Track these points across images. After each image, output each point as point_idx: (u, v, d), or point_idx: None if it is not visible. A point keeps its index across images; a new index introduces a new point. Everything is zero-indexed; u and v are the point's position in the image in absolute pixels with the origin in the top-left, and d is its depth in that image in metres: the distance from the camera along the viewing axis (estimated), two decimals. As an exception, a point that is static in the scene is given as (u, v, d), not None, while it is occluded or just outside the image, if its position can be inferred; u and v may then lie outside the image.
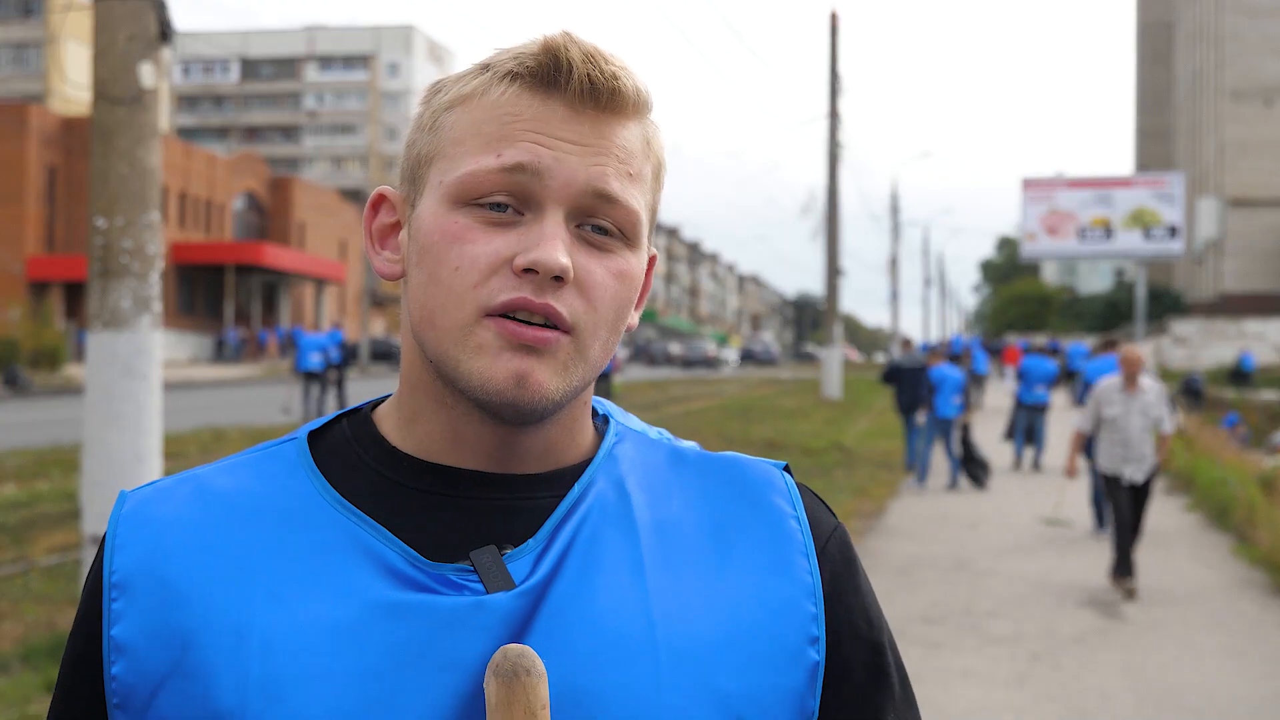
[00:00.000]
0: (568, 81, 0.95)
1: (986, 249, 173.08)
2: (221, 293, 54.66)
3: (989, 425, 22.66)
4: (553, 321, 0.94)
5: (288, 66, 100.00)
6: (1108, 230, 45.98)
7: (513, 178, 0.94)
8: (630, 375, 50.52)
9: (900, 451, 17.17)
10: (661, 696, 0.92)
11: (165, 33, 6.19)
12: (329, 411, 3.40)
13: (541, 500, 0.98)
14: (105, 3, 6.11)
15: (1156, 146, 78.76)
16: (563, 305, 0.94)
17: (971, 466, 14.68)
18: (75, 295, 44.42)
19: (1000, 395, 32.46)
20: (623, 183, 0.96)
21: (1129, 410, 9.05)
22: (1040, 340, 40.09)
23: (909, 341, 18.08)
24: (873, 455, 17.58)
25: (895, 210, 58.75)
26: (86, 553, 6.33)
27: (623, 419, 1.08)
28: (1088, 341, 39.64)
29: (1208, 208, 57.72)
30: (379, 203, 1.04)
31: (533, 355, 0.94)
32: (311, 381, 20.50)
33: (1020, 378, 16.97)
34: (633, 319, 1.01)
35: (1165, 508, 12.80)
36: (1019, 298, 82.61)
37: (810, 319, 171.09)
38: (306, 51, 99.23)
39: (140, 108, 6.12)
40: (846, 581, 1.03)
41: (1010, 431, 16.93)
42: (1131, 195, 46.16)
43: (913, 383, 15.18)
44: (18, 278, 44.15)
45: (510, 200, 0.95)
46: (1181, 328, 48.10)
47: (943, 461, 15.97)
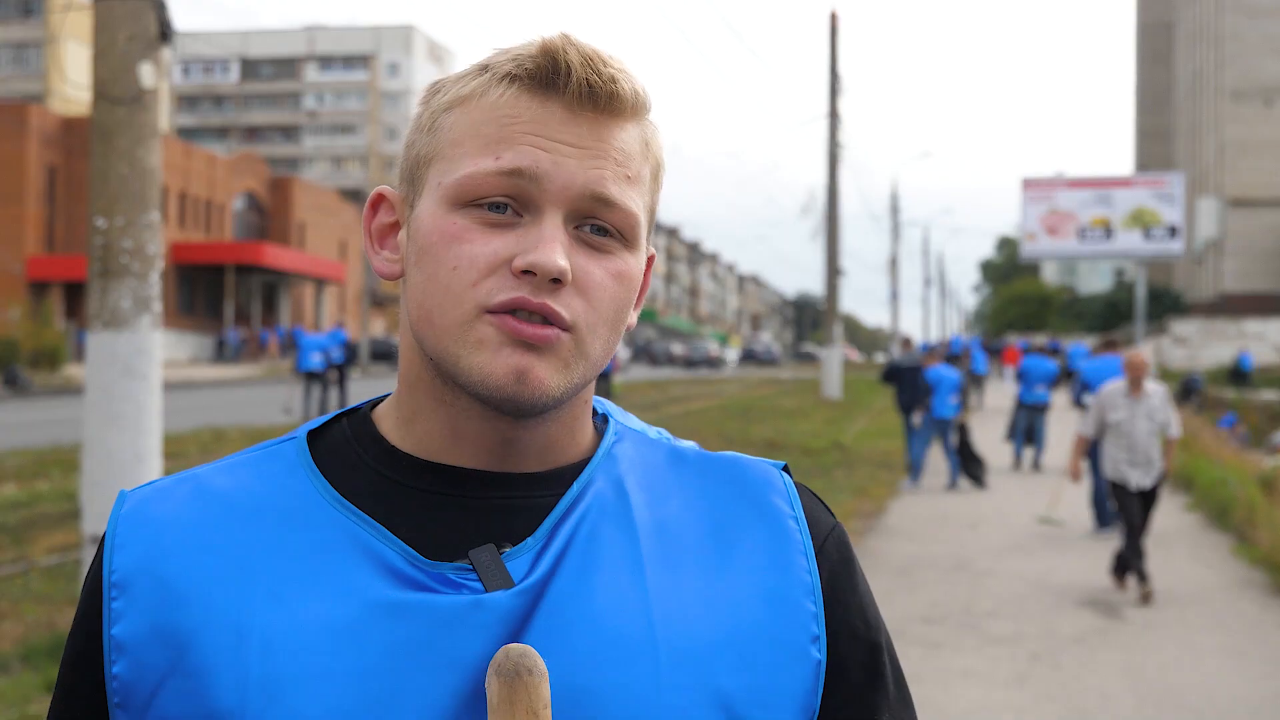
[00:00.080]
0: (566, 84, 0.95)
1: (986, 249, 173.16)
2: (221, 293, 54.66)
3: (989, 425, 22.66)
4: (551, 320, 0.94)
5: (288, 66, 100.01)
6: (1108, 230, 45.97)
7: (511, 181, 0.95)
8: (633, 375, 50.57)
9: (900, 451, 17.17)
10: (661, 695, 0.92)
11: (165, 33, 6.19)
12: (330, 411, 3.38)
13: (541, 499, 0.99)
14: (105, 3, 6.11)
15: (1156, 146, 78.77)
16: (561, 306, 0.94)
17: (970, 465, 14.67)
18: (75, 295, 44.42)
19: (1000, 395, 32.45)
20: (621, 186, 0.97)
21: (1134, 415, 8.91)
22: (1040, 340, 40.11)
23: (909, 341, 18.09)
24: (873, 455, 17.57)
25: (895, 210, 58.74)
26: (86, 553, 6.32)
27: (622, 418, 1.09)
28: (1088, 342, 39.65)
29: (1208, 208, 57.73)
30: (378, 202, 1.04)
31: (533, 352, 0.94)
32: (313, 381, 20.54)
33: (1020, 378, 16.96)
34: (631, 319, 1.01)
35: (1165, 508, 12.79)
36: (1019, 298, 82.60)
37: (810, 319, 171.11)
38: (306, 51, 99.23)
39: (140, 108, 6.12)
40: (845, 581, 1.03)
41: (1011, 432, 16.92)
42: (1131, 195, 46.14)
43: (913, 382, 15.18)
44: (18, 278, 44.15)
45: (509, 202, 0.95)
46: (1181, 328, 48.11)
47: (942, 462, 15.96)
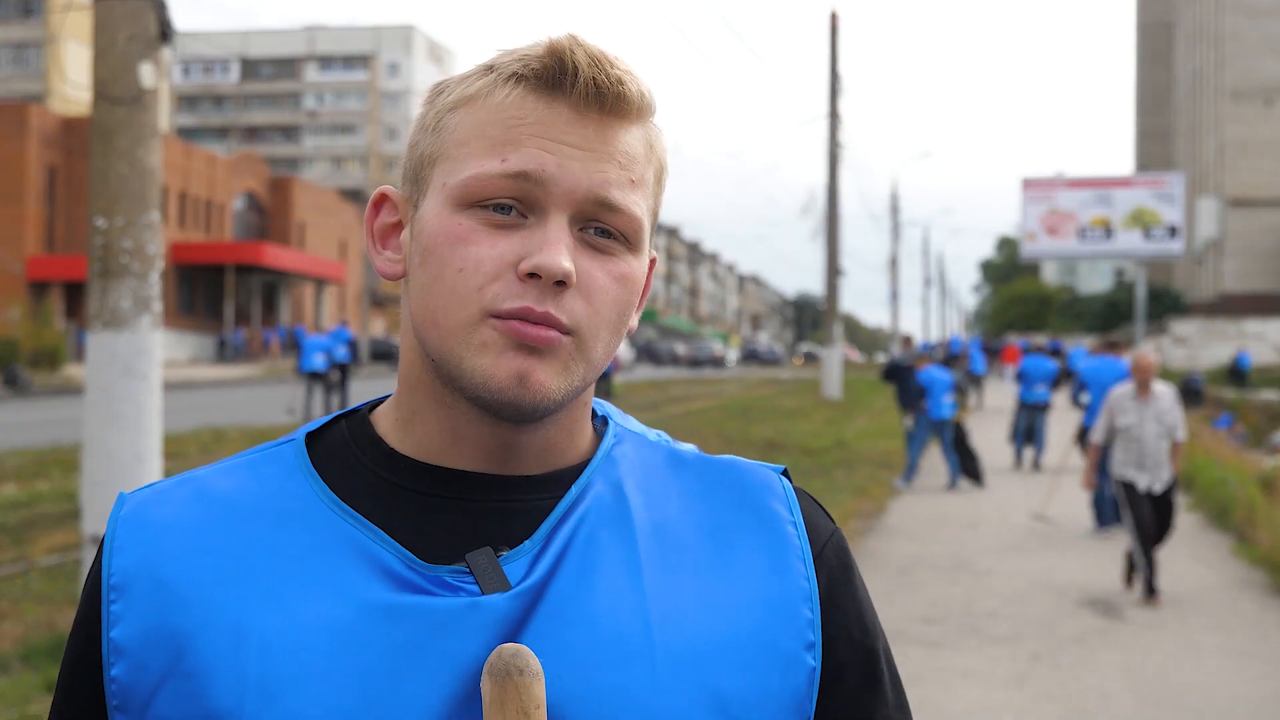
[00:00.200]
0: (573, 85, 0.95)
1: (986, 249, 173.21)
2: (221, 293, 54.66)
3: (988, 425, 22.65)
4: (553, 325, 0.94)
5: (288, 66, 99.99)
6: (1108, 230, 45.98)
7: (517, 183, 0.94)
8: (637, 375, 50.61)
9: (900, 451, 17.17)
10: (658, 698, 0.92)
11: (165, 33, 6.18)
12: (334, 411, 3.37)
13: (539, 502, 0.99)
14: (105, 3, 6.11)
15: (1156, 146, 78.77)
16: (563, 311, 0.94)
17: (966, 463, 14.69)
18: (75, 295, 44.42)
19: (1000, 395, 32.44)
20: (624, 190, 0.97)
21: (1143, 418, 8.84)
22: (1040, 340, 40.12)
23: (910, 339, 18.13)
24: (873, 455, 17.56)
25: (895, 210, 58.74)
26: (86, 553, 6.32)
27: (622, 421, 1.09)
28: (1088, 343, 39.67)
29: (1208, 208, 57.73)
30: (381, 202, 1.04)
31: (534, 355, 0.94)
32: (315, 382, 20.61)
33: (1020, 378, 16.99)
34: (632, 321, 1.02)
35: (1165, 508, 12.79)
36: (1019, 298, 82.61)
37: (810, 319, 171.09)
38: (306, 51, 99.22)
39: (140, 108, 6.12)
40: (843, 587, 1.03)
41: (1014, 432, 16.95)
42: (1131, 195, 46.16)
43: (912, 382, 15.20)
44: (18, 278, 44.15)
45: (514, 204, 0.95)
46: (1181, 328, 48.12)
47: (941, 462, 15.96)
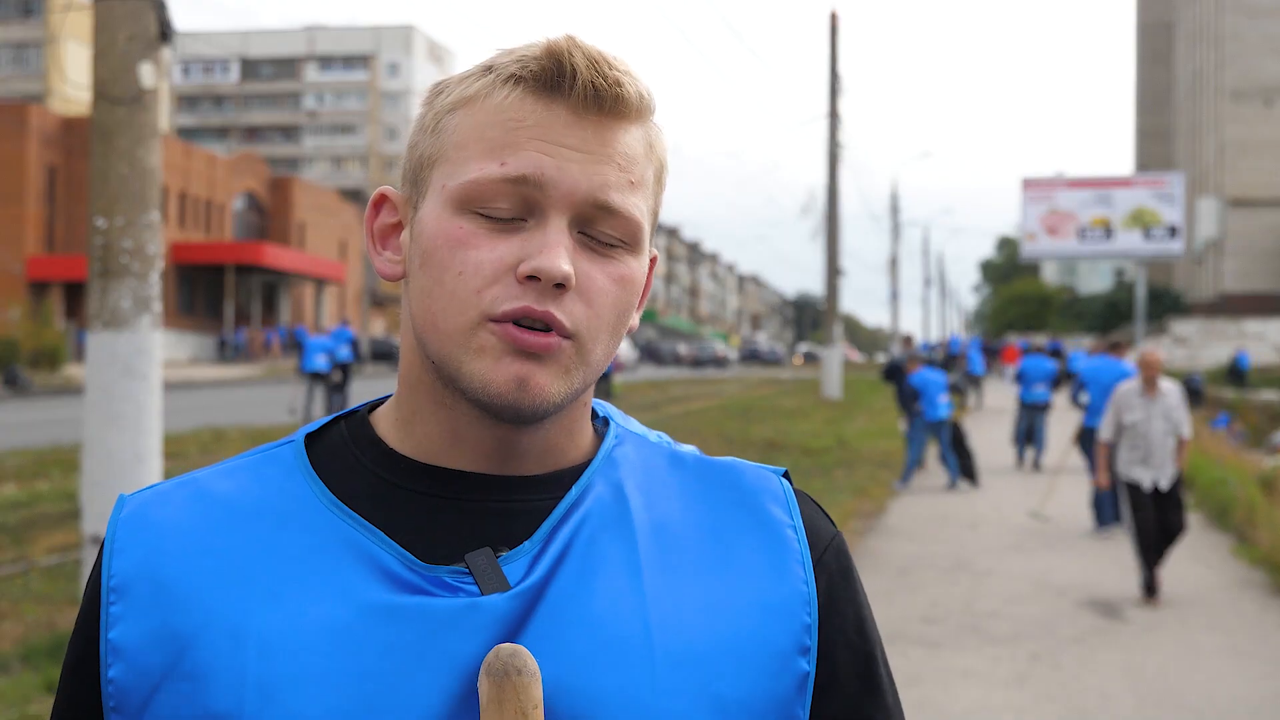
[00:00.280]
0: (571, 86, 0.95)
1: (986, 249, 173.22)
2: (221, 293, 54.66)
3: (988, 425, 22.66)
4: (553, 327, 0.94)
5: (288, 66, 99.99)
6: (1108, 230, 45.99)
7: (516, 187, 0.94)
8: (641, 374, 50.64)
9: (900, 451, 17.18)
10: (657, 700, 0.92)
11: (165, 33, 6.18)
12: (335, 411, 3.38)
13: (539, 502, 0.99)
14: (105, 3, 6.11)
15: (1156, 146, 78.79)
16: (564, 313, 0.94)
17: (963, 461, 14.70)
18: (75, 295, 44.42)
19: (1000, 396, 32.45)
20: (624, 193, 0.96)
21: (1150, 415, 8.78)
22: (1040, 341, 40.12)
23: (910, 339, 18.17)
24: (873, 455, 17.57)
25: (895, 210, 58.73)
26: (86, 553, 6.32)
27: (623, 421, 1.09)
28: (1086, 343, 39.69)
29: (1208, 208, 57.76)
30: (381, 202, 1.04)
31: (534, 360, 0.94)
32: (316, 382, 20.68)
33: (1019, 378, 17.03)
34: (633, 320, 1.02)
35: (1165, 508, 12.79)
36: (1019, 298, 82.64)
37: (810, 319, 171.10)
38: (306, 51, 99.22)
39: (140, 108, 6.12)
40: (843, 591, 1.03)
41: (1016, 433, 17.00)
42: (1131, 195, 46.18)
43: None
44: (18, 278, 44.15)
45: (513, 208, 0.95)
46: (1181, 328, 48.16)
47: (940, 463, 15.96)
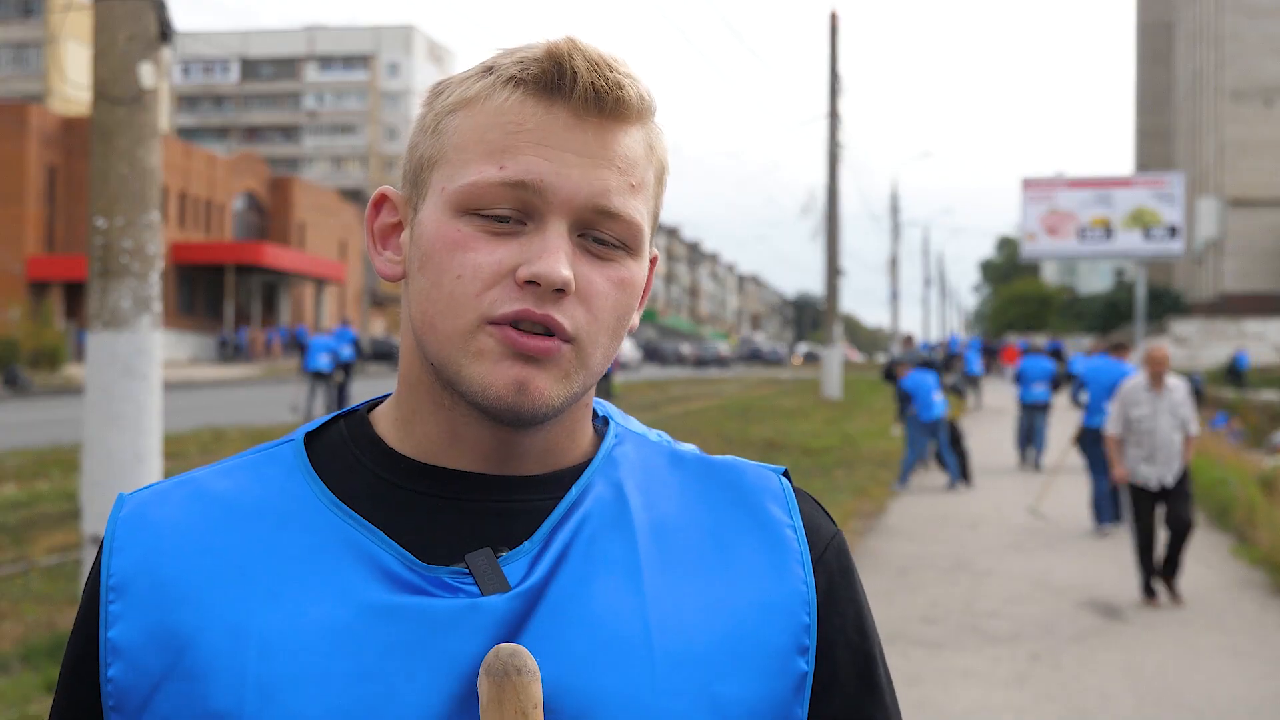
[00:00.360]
0: (572, 90, 0.95)
1: (986, 249, 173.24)
2: (221, 293, 54.65)
3: (987, 425, 22.66)
4: (553, 331, 0.94)
5: (288, 66, 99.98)
6: (1108, 230, 45.97)
7: (515, 192, 0.94)
8: (645, 374, 50.69)
9: (900, 451, 17.18)
10: (657, 700, 0.92)
11: (165, 33, 6.18)
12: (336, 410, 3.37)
13: (539, 502, 0.98)
14: (105, 3, 6.10)
15: (1156, 146, 78.78)
16: (564, 316, 0.94)
17: (961, 462, 14.70)
18: (75, 295, 44.40)
19: (1000, 396, 32.44)
20: (624, 197, 0.96)
21: (1157, 410, 8.68)
22: (1039, 341, 40.14)
23: (911, 338, 18.18)
24: (873, 455, 17.57)
25: (895, 210, 58.73)
26: (86, 553, 6.32)
27: (623, 421, 1.08)
28: (1085, 344, 39.71)
29: (1208, 208, 57.75)
30: (381, 202, 1.04)
31: (533, 364, 0.94)
32: (319, 381, 20.81)
33: (1018, 379, 17.07)
34: (634, 320, 1.01)
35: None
36: (1019, 298, 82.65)
37: (810, 319, 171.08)
38: (306, 51, 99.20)
39: (140, 108, 6.12)
40: (842, 591, 1.03)
41: (1019, 434, 17.02)
42: (1131, 195, 46.15)
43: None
44: (18, 278, 44.14)
45: (513, 212, 0.95)
46: (1181, 328, 48.16)
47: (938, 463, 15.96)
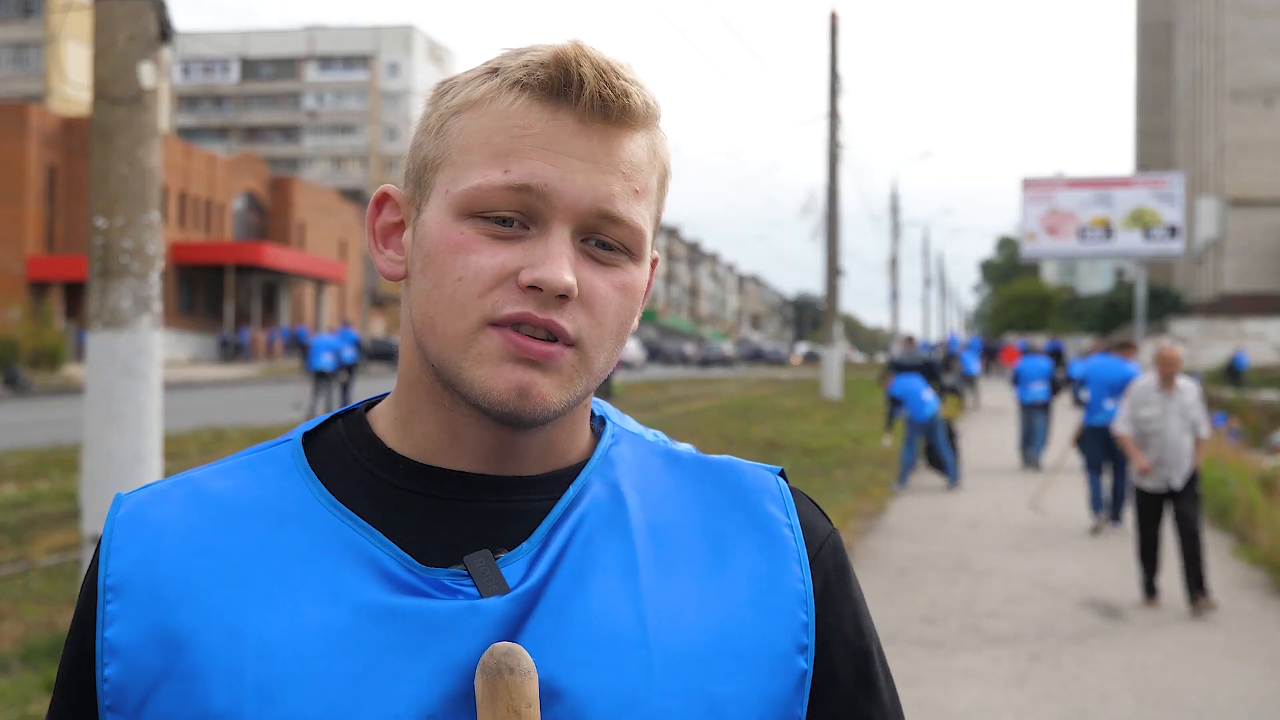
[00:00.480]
0: (579, 96, 0.94)
1: (986, 249, 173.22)
2: (221, 293, 54.64)
3: (986, 425, 22.66)
4: (555, 335, 0.94)
5: (288, 66, 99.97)
6: (1108, 230, 45.98)
7: (519, 196, 0.94)
8: (649, 374, 50.76)
9: (900, 451, 17.18)
10: (654, 700, 0.92)
11: (165, 33, 6.18)
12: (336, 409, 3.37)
13: (537, 503, 0.98)
14: (105, 3, 6.10)
15: (1156, 146, 78.76)
16: (566, 320, 0.94)
17: (950, 458, 14.74)
18: (75, 295, 44.40)
19: (999, 396, 32.43)
20: (628, 202, 0.96)
21: (1167, 411, 8.53)
22: (1039, 341, 40.12)
23: (911, 339, 18.11)
24: (873, 455, 17.57)
25: (895, 210, 58.73)
26: (86, 553, 6.32)
27: (619, 420, 1.08)
28: (1084, 344, 39.71)
29: (1208, 208, 57.74)
30: (383, 201, 1.04)
31: (535, 368, 0.93)
32: (321, 381, 20.93)
33: (1016, 379, 17.10)
34: (633, 321, 1.01)
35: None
36: (1019, 298, 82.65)
37: (810, 319, 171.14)
38: (306, 51, 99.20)
39: (140, 108, 6.12)
40: (839, 589, 1.03)
41: (1021, 436, 17.07)
42: (1131, 195, 46.16)
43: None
44: (18, 278, 44.13)
45: (516, 216, 0.94)
46: (1181, 328, 48.13)
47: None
